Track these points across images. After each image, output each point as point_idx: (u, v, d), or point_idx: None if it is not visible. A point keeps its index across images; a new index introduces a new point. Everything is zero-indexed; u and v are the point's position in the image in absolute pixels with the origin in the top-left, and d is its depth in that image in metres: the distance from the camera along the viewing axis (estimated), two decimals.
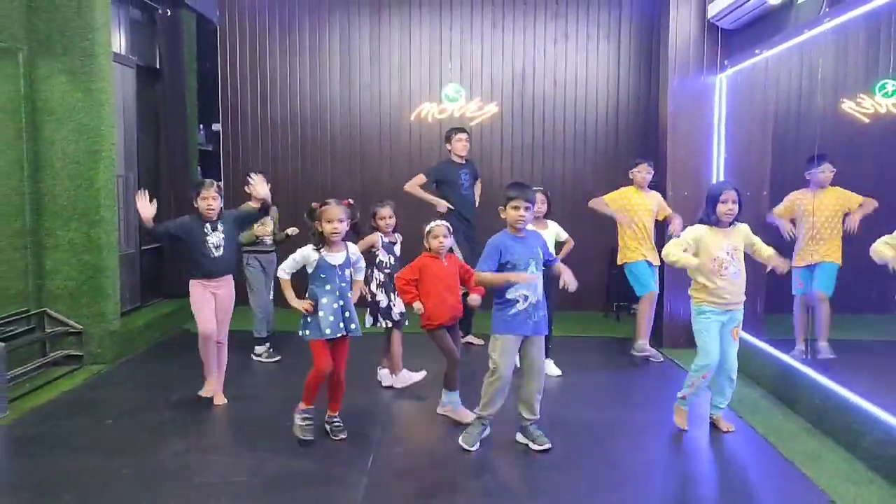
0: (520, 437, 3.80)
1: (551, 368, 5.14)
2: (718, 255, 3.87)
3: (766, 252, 3.94)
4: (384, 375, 4.80)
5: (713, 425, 4.09)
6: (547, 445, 3.69)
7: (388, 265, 4.68)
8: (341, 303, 3.73)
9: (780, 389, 4.60)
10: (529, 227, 3.80)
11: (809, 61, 5.04)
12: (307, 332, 3.73)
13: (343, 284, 3.75)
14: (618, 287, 6.97)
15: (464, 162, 6.06)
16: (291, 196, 7.53)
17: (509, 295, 3.62)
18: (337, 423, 3.89)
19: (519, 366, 3.86)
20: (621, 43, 7.39)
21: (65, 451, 3.71)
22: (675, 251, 3.91)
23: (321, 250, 3.72)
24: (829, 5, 4.23)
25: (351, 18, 7.54)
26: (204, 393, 4.49)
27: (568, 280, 3.75)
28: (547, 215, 5.17)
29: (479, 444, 3.75)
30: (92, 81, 5.14)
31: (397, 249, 4.76)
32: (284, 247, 5.13)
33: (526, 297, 3.62)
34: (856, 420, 3.68)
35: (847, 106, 5.93)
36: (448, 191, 5.99)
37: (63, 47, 5.11)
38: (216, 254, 4.32)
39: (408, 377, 4.70)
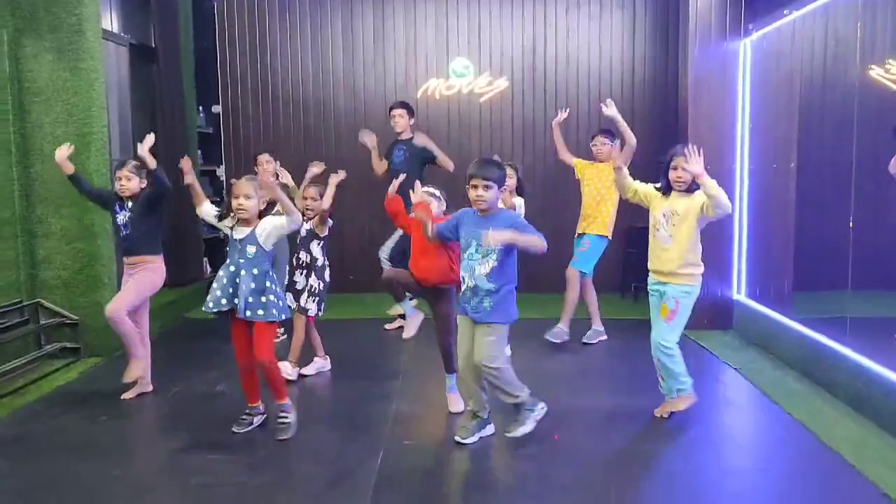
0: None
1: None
2: (655, 214, 3.72)
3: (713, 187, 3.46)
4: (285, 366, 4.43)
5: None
6: (516, 433, 3.42)
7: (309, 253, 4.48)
8: (235, 280, 3.48)
9: (816, 373, 4.31)
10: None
11: (844, 21, 4.71)
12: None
13: (242, 260, 3.48)
14: (634, 268, 6.71)
15: (401, 139, 5.84)
16: (294, 178, 7.25)
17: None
18: (279, 418, 3.60)
19: None
20: (636, 11, 7.05)
21: (53, 453, 3.47)
22: (627, 178, 3.83)
23: (233, 226, 3.55)
24: None
25: None
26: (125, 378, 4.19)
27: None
28: (519, 192, 4.88)
29: (474, 438, 3.48)
30: (80, 60, 4.88)
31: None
32: None
33: (463, 279, 3.40)
34: None
35: (875, 73, 5.61)
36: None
37: (49, 24, 4.85)
38: (124, 232, 4.19)
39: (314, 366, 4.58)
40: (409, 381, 4.46)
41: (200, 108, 7.37)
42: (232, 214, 3.54)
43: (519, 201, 4.82)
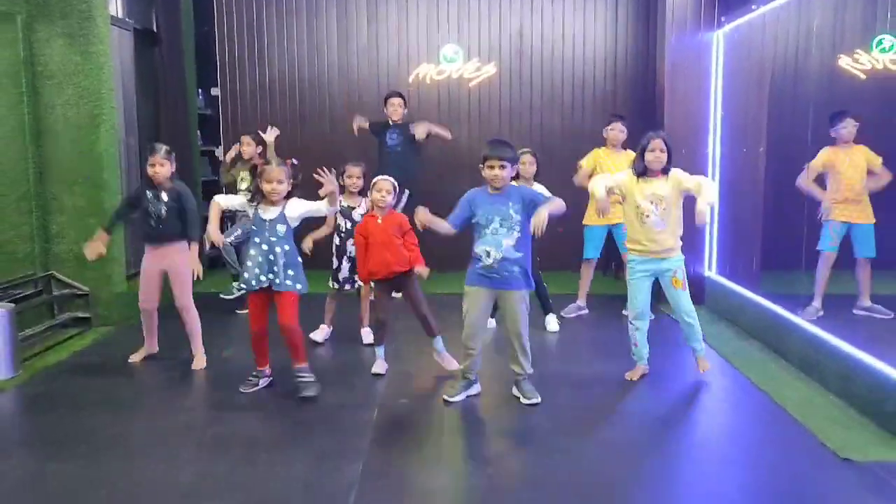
0: (514, 391, 3.88)
1: (552, 324, 5.24)
2: (641, 203, 3.97)
3: (703, 198, 3.77)
4: (365, 334, 4.91)
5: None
6: (535, 400, 3.77)
7: (344, 230, 4.74)
8: (270, 257, 3.80)
9: (774, 342, 4.70)
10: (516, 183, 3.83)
11: (807, 17, 5.05)
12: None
13: (273, 238, 3.80)
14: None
15: (396, 122, 6.27)
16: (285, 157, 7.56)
17: (476, 250, 3.71)
18: (302, 378, 3.91)
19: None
20: (619, 0, 7.36)
21: (77, 409, 3.81)
22: (597, 185, 4.08)
23: (258, 206, 3.85)
24: None
25: None
26: (133, 358, 4.57)
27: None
28: (536, 177, 5.19)
29: (461, 396, 3.83)
30: (90, 44, 5.15)
31: (356, 215, 4.71)
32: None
33: (488, 253, 3.65)
34: (846, 367, 3.77)
35: (844, 62, 5.96)
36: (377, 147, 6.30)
37: (61, 11, 5.12)
38: (155, 222, 4.38)
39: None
40: (402, 345, 4.79)
41: (199, 90, 7.63)
42: (256, 197, 3.86)
43: (541, 189, 5.10)
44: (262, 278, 3.81)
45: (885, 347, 3.74)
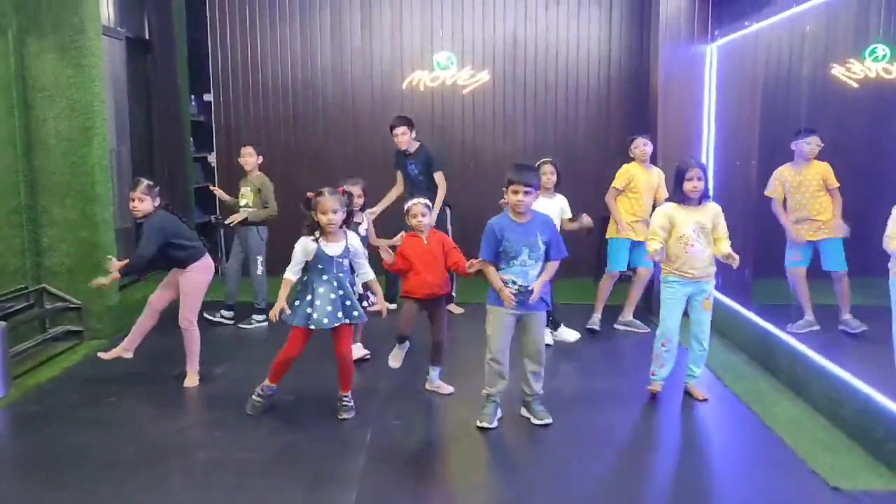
0: (522, 412, 3.90)
1: (568, 335, 5.34)
2: (685, 231, 3.99)
3: (721, 246, 3.97)
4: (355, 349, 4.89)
5: (688, 394, 4.22)
6: (546, 420, 3.78)
7: None
8: (341, 293, 3.77)
9: (762, 357, 4.73)
10: (540, 203, 3.89)
11: (800, 29, 5.06)
12: (292, 318, 3.79)
13: (341, 274, 3.78)
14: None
15: (409, 153, 5.98)
16: (283, 165, 7.56)
17: (502, 276, 3.69)
18: (345, 403, 3.95)
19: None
20: (613, 8, 7.36)
21: (70, 429, 3.82)
22: (654, 237, 4.06)
23: (319, 241, 3.75)
24: None
25: None
26: (103, 354, 4.55)
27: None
28: (557, 187, 5.22)
29: (496, 422, 3.78)
30: (82, 57, 5.13)
31: (362, 230, 4.72)
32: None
33: (514, 282, 3.66)
34: (834, 389, 3.81)
35: (837, 71, 5.99)
36: (403, 178, 6.08)
37: (52, 23, 5.09)
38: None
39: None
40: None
41: (192, 96, 7.61)
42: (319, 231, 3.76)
43: (563, 203, 5.19)
44: (338, 315, 3.76)
45: (873, 368, 3.78)
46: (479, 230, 3.79)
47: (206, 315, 5.70)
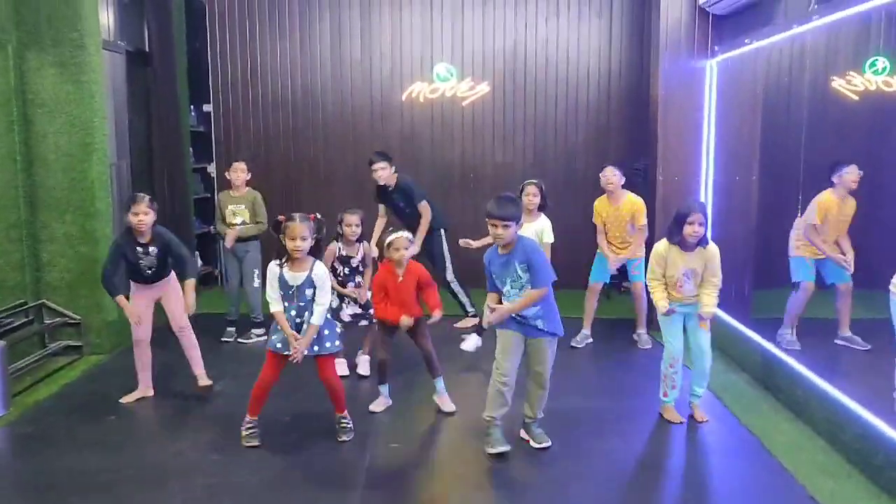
0: (522, 434, 3.89)
1: (467, 344, 5.42)
2: (675, 274, 4.01)
3: (704, 296, 3.97)
4: (362, 362, 4.95)
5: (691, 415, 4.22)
6: (545, 444, 3.78)
7: (342, 274, 4.77)
8: (298, 321, 3.73)
9: (764, 377, 4.73)
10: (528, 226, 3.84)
11: (800, 44, 5.06)
12: (268, 338, 3.84)
13: (301, 304, 3.72)
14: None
15: (391, 187, 5.77)
16: (283, 176, 7.58)
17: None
18: (343, 424, 3.93)
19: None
20: (613, 21, 7.35)
21: (69, 450, 3.82)
22: (655, 290, 4.09)
23: (283, 266, 3.72)
24: (818, 2, 4.24)
25: None
26: (126, 399, 4.49)
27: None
28: (541, 208, 5.22)
29: (505, 445, 3.72)
30: (82, 73, 5.12)
31: (354, 262, 4.74)
32: None
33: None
34: (834, 413, 3.80)
35: (837, 84, 5.99)
36: (388, 211, 5.92)
37: (52, 39, 5.08)
38: (148, 272, 4.39)
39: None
40: (395, 385, 4.68)
41: (192, 106, 7.60)
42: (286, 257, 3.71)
43: (546, 225, 5.15)
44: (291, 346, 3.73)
45: (875, 390, 3.77)
46: None
47: (240, 341, 5.77)
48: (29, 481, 3.53)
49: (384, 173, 5.66)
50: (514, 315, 3.66)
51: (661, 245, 4.07)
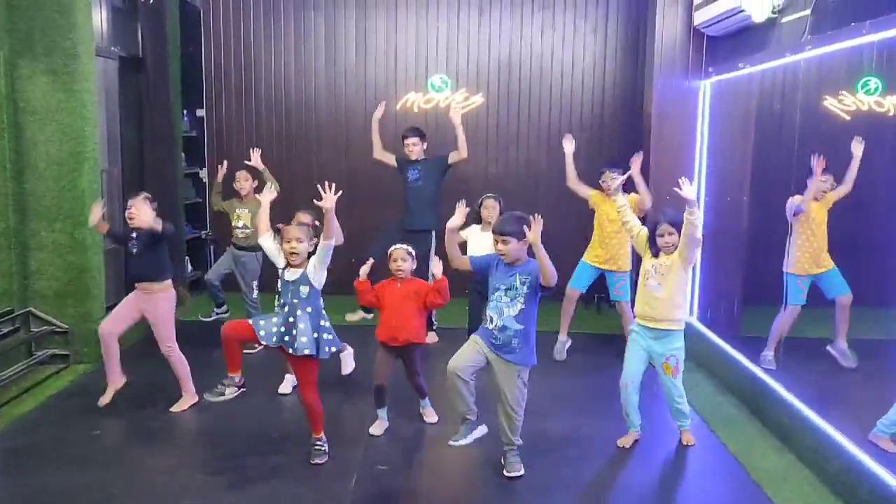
0: (502, 460, 3.86)
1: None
2: (646, 265, 4.05)
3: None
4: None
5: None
6: (515, 473, 3.73)
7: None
8: (290, 319, 3.73)
9: (751, 400, 4.75)
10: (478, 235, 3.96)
11: (792, 72, 5.07)
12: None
13: (295, 301, 3.74)
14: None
15: (415, 160, 5.99)
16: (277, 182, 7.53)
17: (486, 311, 3.73)
18: (317, 447, 3.89)
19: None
20: (608, 36, 7.36)
21: (53, 467, 3.79)
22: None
23: (284, 268, 3.82)
24: (812, 32, 4.26)
25: (337, 4, 7.46)
26: (103, 399, 4.53)
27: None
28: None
29: (467, 440, 3.74)
30: (75, 82, 5.09)
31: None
32: None
33: (491, 319, 3.68)
34: (820, 442, 3.82)
35: (829, 103, 6.02)
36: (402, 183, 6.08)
37: (45, 47, 5.04)
38: (134, 259, 4.54)
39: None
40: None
41: (185, 111, 7.56)
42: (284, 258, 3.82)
43: None
44: (274, 339, 3.73)
45: (856, 421, 3.79)
46: None
47: (201, 318, 6.20)
48: (14, 498, 3.50)
49: (416, 149, 5.96)
50: (490, 332, 3.66)
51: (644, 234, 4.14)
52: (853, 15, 3.78)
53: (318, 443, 3.90)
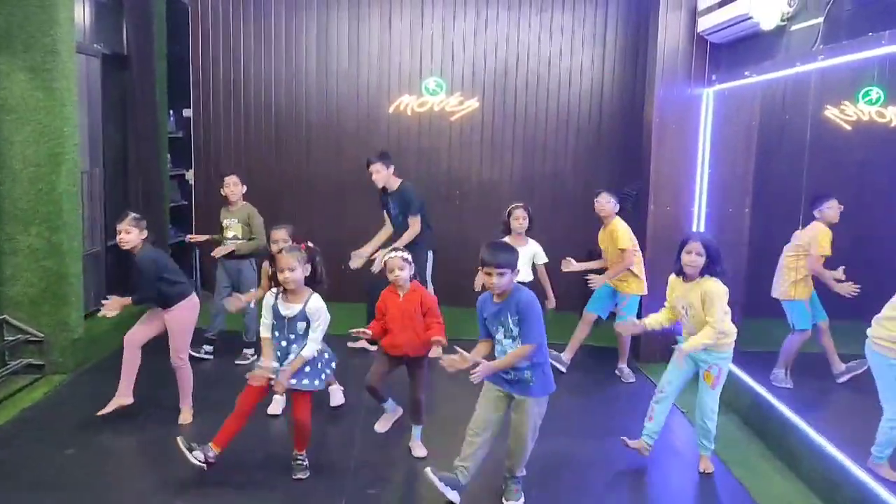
0: (503, 486, 3.66)
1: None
2: (675, 306, 3.95)
3: (695, 336, 3.78)
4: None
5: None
6: (514, 502, 3.55)
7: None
8: (290, 356, 3.60)
9: (755, 421, 4.59)
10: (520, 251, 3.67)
11: (794, 82, 4.94)
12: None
13: (292, 335, 3.59)
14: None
15: (390, 190, 5.68)
16: (265, 186, 7.31)
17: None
18: (299, 462, 3.76)
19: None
20: (607, 41, 7.20)
21: (24, 491, 3.57)
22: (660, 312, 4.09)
23: (278, 297, 3.62)
24: (823, 41, 4.10)
25: (329, 3, 7.26)
26: (105, 410, 4.33)
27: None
28: (528, 232, 5.13)
29: (439, 485, 3.40)
30: (54, 80, 4.87)
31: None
32: None
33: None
34: (831, 470, 3.66)
35: (831, 113, 5.91)
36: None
37: (23, 43, 4.82)
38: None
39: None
40: (369, 430, 4.37)
41: (171, 111, 7.35)
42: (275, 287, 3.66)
43: (536, 248, 5.19)
44: (273, 375, 3.59)
45: (867, 443, 3.64)
46: (462, 261, 3.59)
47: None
48: None
49: (378, 176, 5.58)
50: (502, 371, 3.44)
51: (671, 277, 4.01)
52: (869, 24, 3.62)
53: (300, 458, 3.77)
